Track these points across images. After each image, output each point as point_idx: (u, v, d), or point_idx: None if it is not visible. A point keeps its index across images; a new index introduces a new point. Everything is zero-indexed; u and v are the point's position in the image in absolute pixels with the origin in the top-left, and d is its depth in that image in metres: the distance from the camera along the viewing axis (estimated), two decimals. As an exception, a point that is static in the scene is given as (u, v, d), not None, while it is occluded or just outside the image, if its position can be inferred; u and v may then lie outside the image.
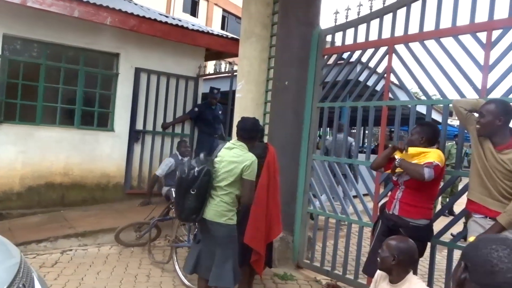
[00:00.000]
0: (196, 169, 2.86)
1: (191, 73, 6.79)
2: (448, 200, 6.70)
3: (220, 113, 6.72)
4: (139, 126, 6.33)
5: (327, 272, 4.03)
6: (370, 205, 3.85)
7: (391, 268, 2.19)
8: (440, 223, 3.26)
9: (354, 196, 4.20)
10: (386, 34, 3.67)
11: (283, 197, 3.54)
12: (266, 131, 4.39)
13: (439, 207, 6.25)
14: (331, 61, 4.27)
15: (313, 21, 4.36)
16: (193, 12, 22.79)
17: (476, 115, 2.68)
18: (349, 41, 4.03)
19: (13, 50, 5.58)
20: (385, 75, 3.67)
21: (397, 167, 2.88)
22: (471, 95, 3.06)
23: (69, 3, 5.12)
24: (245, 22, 4.76)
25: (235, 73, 5.76)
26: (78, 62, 5.89)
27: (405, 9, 3.56)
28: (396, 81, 3.80)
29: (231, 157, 2.95)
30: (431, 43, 3.36)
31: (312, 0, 4.39)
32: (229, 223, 2.93)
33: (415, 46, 3.50)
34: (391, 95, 3.78)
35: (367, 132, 8.93)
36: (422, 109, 4.12)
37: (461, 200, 3.18)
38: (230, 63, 7.36)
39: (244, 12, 4.78)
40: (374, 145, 11.77)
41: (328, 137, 5.60)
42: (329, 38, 4.26)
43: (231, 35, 7.82)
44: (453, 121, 14.07)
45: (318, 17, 4.43)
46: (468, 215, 2.84)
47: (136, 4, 7.01)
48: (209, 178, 2.89)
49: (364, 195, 4.14)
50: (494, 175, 2.50)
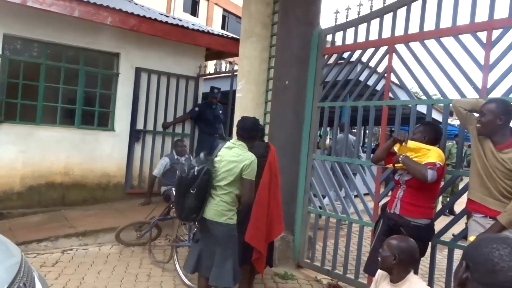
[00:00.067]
0: (196, 168, 2.86)
1: (191, 73, 6.79)
2: (448, 200, 6.70)
3: (220, 112, 6.72)
4: (139, 125, 6.33)
5: (327, 272, 4.03)
6: (371, 204, 3.86)
7: (391, 267, 2.19)
8: (440, 223, 3.26)
9: (355, 196, 4.20)
10: (387, 34, 3.68)
11: (283, 197, 3.54)
12: (266, 130, 4.39)
13: (439, 206, 6.25)
14: (331, 60, 4.27)
15: (313, 20, 4.36)
16: (194, 11, 22.81)
17: (476, 114, 2.69)
18: (350, 40, 4.04)
19: (13, 50, 5.57)
20: (386, 74, 3.67)
21: (399, 162, 2.86)
22: (472, 94, 3.06)
23: (69, 3, 5.11)
24: (245, 22, 4.76)
25: (235, 73, 5.77)
26: (78, 62, 5.89)
27: (405, 8, 3.56)
28: (396, 81, 3.80)
29: (231, 156, 2.95)
30: (431, 43, 3.36)
31: (312, 0, 4.39)
32: (229, 222, 2.93)
33: (415, 45, 3.50)
34: (391, 94, 3.78)
35: (367, 131, 8.93)
36: (423, 108, 4.12)
37: (461, 199, 3.18)
38: (230, 62, 7.34)
39: (244, 11, 4.79)
40: (375, 144, 11.80)
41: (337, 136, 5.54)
42: (329, 37, 4.27)
43: (231, 34, 7.82)
44: (453, 120, 14.05)
45: (318, 17, 4.43)
46: (469, 215, 2.84)
47: (136, 4, 7.02)
48: (209, 178, 2.90)
49: (365, 194, 4.15)
50: (494, 174, 2.51)
